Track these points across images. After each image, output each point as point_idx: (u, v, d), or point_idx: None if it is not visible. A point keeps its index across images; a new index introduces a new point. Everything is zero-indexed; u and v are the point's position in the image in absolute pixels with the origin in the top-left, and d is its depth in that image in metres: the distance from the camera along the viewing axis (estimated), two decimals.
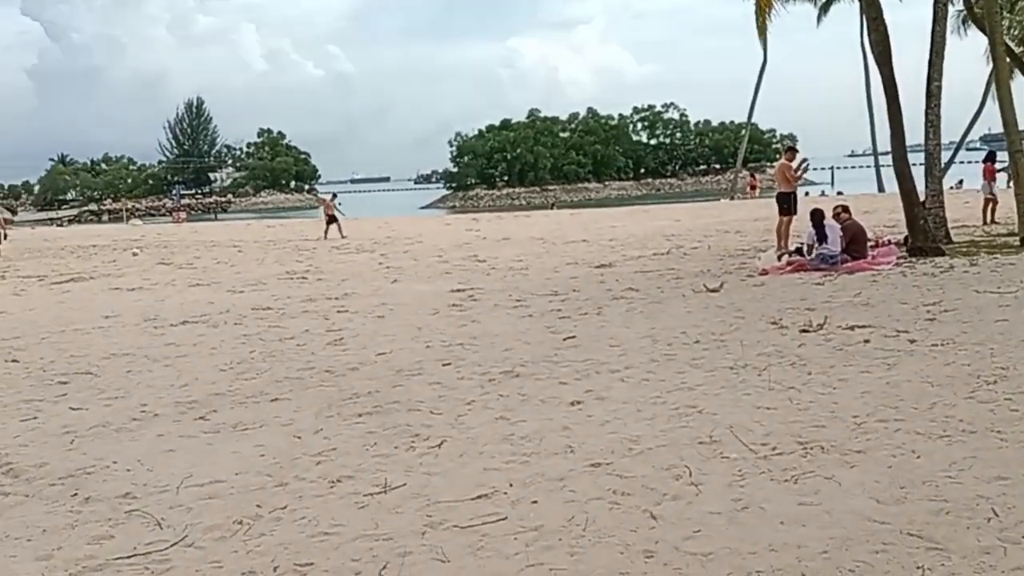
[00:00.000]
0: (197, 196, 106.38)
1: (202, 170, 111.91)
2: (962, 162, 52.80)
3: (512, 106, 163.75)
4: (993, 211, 20.31)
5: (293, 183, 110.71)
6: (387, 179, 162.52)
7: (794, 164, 17.21)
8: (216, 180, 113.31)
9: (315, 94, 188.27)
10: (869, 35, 14.45)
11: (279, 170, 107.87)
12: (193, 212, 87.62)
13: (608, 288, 12.38)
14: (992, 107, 51.03)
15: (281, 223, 42.73)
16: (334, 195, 30.48)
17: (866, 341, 7.47)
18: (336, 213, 28.49)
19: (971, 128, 55.50)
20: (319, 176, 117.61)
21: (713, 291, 11.27)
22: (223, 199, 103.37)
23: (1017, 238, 15.56)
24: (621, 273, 14.40)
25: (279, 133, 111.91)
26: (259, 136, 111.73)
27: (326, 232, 27.73)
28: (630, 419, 5.68)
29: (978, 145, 67.74)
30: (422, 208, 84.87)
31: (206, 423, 6.21)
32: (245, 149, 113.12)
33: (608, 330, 8.86)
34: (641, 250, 18.59)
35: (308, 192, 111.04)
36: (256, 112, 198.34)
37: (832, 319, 8.46)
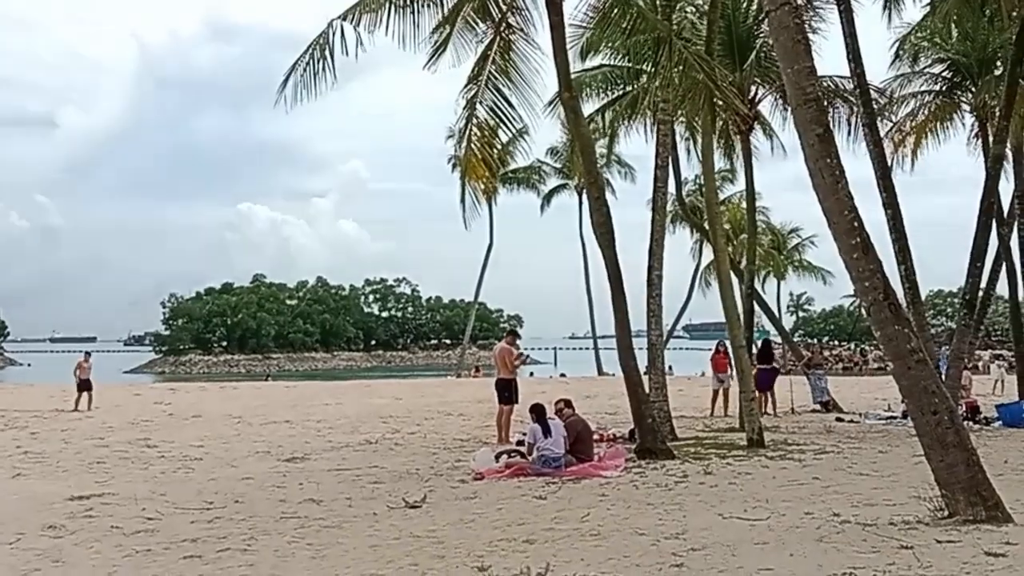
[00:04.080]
0: None
1: None
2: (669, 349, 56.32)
3: (239, 271, 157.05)
4: (727, 403, 19.98)
5: None
6: (93, 339, 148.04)
7: (515, 351, 16.00)
8: None
9: (16, 246, 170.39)
10: (591, 216, 13.55)
11: None
12: None
13: (283, 497, 9.72)
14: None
15: None
16: (87, 355, 25.03)
17: None
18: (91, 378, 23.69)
19: (680, 318, 59.82)
20: (7, 334, 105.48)
21: (414, 507, 8.93)
22: None
23: (739, 435, 14.96)
24: (312, 471, 11.90)
25: None
26: None
27: (77, 401, 22.91)
28: None
29: (680, 333, 73.12)
30: (126, 372, 77.19)
31: None
32: None
33: None
34: (350, 435, 16.33)
35: None
36: None
37: (556, 563, 6.33)
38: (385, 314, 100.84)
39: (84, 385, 23.39)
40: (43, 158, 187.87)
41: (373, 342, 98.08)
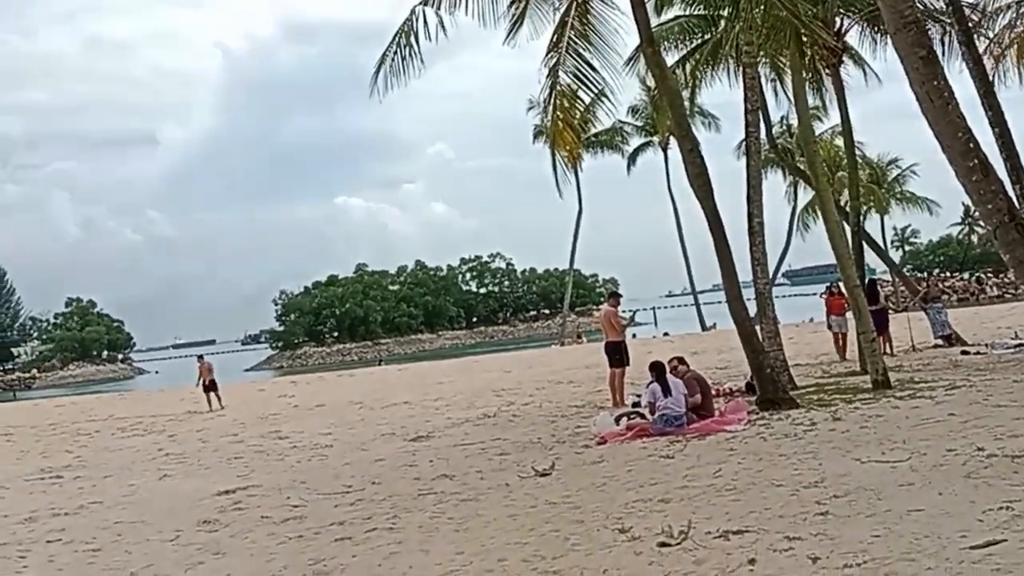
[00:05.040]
0: None
1: (4, 346, 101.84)
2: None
3: (341, 263, 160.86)
4: (845, 346, 19.53)
5: (105, 353, 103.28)
6: (212, 342, 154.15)
7: (620, 312, 15.95)
8: (20, 355, 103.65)
9: (133, 260, 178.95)
10: (687, 168, 13.28)
11: (89, 340, 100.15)
12: None
13: (417, 476, 9.98)
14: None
15: (73, 401, 37.79)
16: (200, 358, 26.31)
17: (751, 561, 5.35)
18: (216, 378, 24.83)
19: (780, 265, 58.36)
20: (134, 344, 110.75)
21: (544, 475, 9.07)
22: (27, 375, 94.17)
23: (862, 378, 14.58)
24: (439, 448, 12.16)
25: (89, 301, 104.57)
26: (67, 306, 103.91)
27: (210, 401, 23.96)
28: None
29: (781, 280, 71.41)
30: (247, 370, 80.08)
31: None
32: (52, 320, 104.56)
33: (399, 561, 6.36)
34: (467, 411, 16.60)
35: (122, 362, 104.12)
36: (69, 281, 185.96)
37: (696, 520, 6.34)
38: (483, 290, 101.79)
39: (209, 386, 24.50)
40: (149, 174, 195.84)
41: (474, 319, 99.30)
